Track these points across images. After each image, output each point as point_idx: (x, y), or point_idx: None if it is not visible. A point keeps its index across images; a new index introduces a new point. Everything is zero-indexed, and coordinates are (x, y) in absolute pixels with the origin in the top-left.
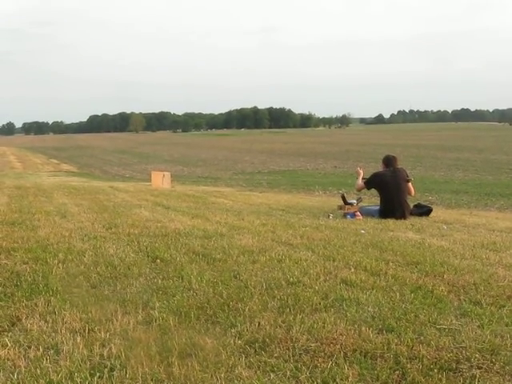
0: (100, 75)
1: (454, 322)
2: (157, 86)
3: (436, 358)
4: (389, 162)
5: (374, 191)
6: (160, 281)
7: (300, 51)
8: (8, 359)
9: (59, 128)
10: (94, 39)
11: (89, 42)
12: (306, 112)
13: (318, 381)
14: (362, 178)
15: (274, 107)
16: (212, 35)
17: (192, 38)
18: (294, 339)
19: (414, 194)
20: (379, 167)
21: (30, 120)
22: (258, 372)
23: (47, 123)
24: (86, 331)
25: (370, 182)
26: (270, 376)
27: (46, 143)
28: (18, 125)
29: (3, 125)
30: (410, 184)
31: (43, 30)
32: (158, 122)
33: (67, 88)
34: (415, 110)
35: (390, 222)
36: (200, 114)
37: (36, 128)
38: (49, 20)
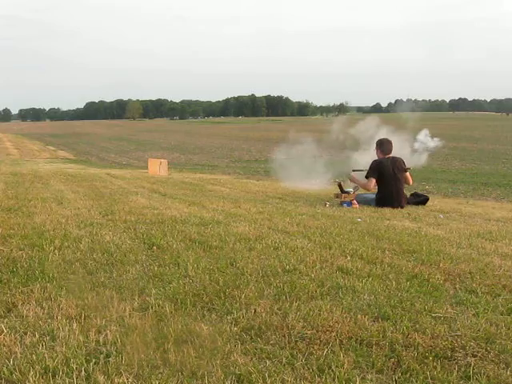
0: (97, 62)
1: (449, 310)
2: (154, 73)
3: (431, 346)
4: (383, 145)
5: None
6: (156, 268)
7: (298, 39)
8: (4, 345)
9: (56, 115)
10: (92, 25)
11: (86, 27)
12: (304, 100)
13: (314, 368)
14: (354, 171)
15: (272, 95)
16: (210, 22)
17: (190, 25)
18: (289, 326)
19: (411, 184)
20: (374, 153)
21: (26, 106)
22: (254, 359)
23: (44, 110)
24: (82, 318)
25: (373, 171)
26: (265, 363)
27: (43, 130)
28: (15, 111)
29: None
30: (407, 173)
31: (40, 15)
32: (155, 109)
33: (64, 74)
34: (413, 99)
35: (387, 210)
36: (197, 101)
37: (33, 114)
38: (46, 5)
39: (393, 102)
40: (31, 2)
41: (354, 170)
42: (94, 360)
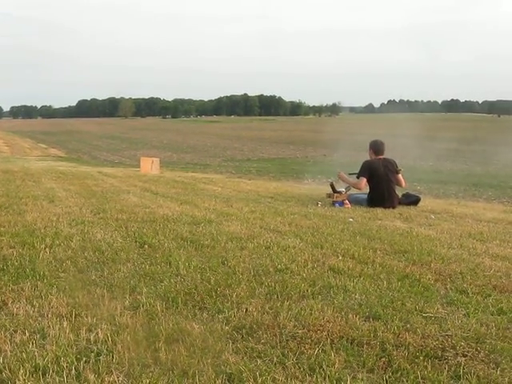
0: (90, 59)
1: (440, 310)
2: (146, 71)
3: (422, 346)
4: (377, 147)
5: None
6: (148, 266)
7: (291, 38)
8: None
9: (47, 112)
10: (86, 22)
11: (80, 24)
12: (297, 100)
13: (305, 367)
14: (350, 174)
15: (265, 94)
16: (203, 21)
17: (182, 23)
18: (281, 326)
19: (404, 185)
20: (367, 155)
21: (18, 104)
22: (245, 358)
23: (35, 107)
24: (73, 316)
25: (364, 171)
26: (256, 362)
27: (34, 127)
28: (6, 108)
29: None
30: (399, 175)
31: (33, 12)
32: (148, 107)
33: (56, 72)
34: (405, 99)
35: (379, 210)
36: (190, 100)
37: (24, 112)
38: (39, 3)
39: (385, 102)
40: (24, 0)
41: (350, 174)
42: (84, 358)
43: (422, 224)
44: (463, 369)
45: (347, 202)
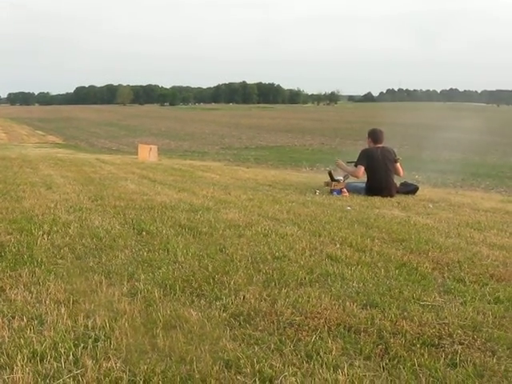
0: (88, 45)
1: (437, 298)
2: (145, 58)
3: (419, 334)
4: (375, 135)
5: None
6: (145, 253)
7: (290, 25)
8: None
9: (45, 99)
10: (83, 8)
11: (78, 10)
12: (295, 88)
13: (302, 354)
14: (348, 163)
15: (263, 82)
16: (201, 8)
17: (182, 9)
18: (278, 313)
19: (402, 175)
20: (365, 143)
21: (15, 90)
22: (243, 344)
23: (33, 94)
24: (71, 302)
25: (362, 159)
26: (254, 348)
27: (32, 114)
28: (3, 95)
29: None
30: (398, 164)
31: None
32: (146, 94)
33: (54, 58)
34: (404, 88)
35: (376, 199)
36: (188, 87)
37: (22, 99)
38: None
39: (384, 91)
40: None
41: (348, 162)
42: (82, 344)
43: (419, 213)
44: (460, 357)
45: (345, 190)
